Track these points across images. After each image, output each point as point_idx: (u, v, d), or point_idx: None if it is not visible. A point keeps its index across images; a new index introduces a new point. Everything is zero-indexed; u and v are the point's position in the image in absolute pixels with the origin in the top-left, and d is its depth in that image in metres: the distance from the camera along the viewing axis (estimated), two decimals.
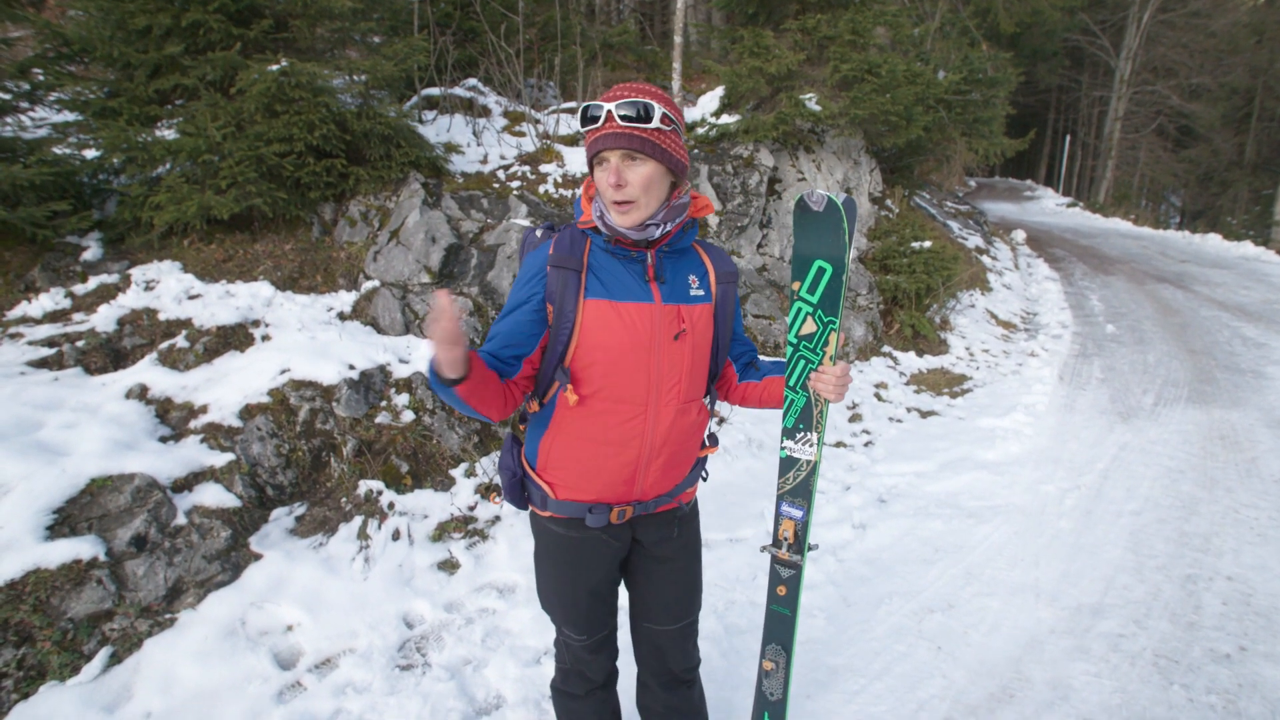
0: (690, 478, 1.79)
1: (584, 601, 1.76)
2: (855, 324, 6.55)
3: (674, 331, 1.58)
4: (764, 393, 1.81)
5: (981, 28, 12.97)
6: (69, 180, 4.27)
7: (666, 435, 1.62)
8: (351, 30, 5.37)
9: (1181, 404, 5.62)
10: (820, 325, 1.73)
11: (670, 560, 1.82)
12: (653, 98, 1.48)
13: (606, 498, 1.65)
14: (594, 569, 1.73)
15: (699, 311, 1.63)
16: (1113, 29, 24.81)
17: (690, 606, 1.90)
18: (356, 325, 4.34)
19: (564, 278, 1.53)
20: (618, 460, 1.61)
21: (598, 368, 1.55)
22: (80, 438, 3.09)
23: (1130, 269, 11.71)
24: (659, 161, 1.49)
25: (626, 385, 1.56)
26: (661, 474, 1.67)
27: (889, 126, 6.74)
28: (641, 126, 1.46)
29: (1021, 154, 31.99)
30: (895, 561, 3.45)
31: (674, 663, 1.93)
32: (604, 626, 1.84)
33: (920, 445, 4.94)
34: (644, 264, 1.58)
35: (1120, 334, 7.85)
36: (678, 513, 1.80)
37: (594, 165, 1.54)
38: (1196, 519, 3.83)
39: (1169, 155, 25.30)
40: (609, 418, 1.58)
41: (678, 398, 1.61)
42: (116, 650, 2.57)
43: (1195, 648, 2.81)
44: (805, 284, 1.73)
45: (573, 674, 1.90)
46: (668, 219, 1.56)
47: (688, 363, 1.62)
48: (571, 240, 1.58)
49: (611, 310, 1.53)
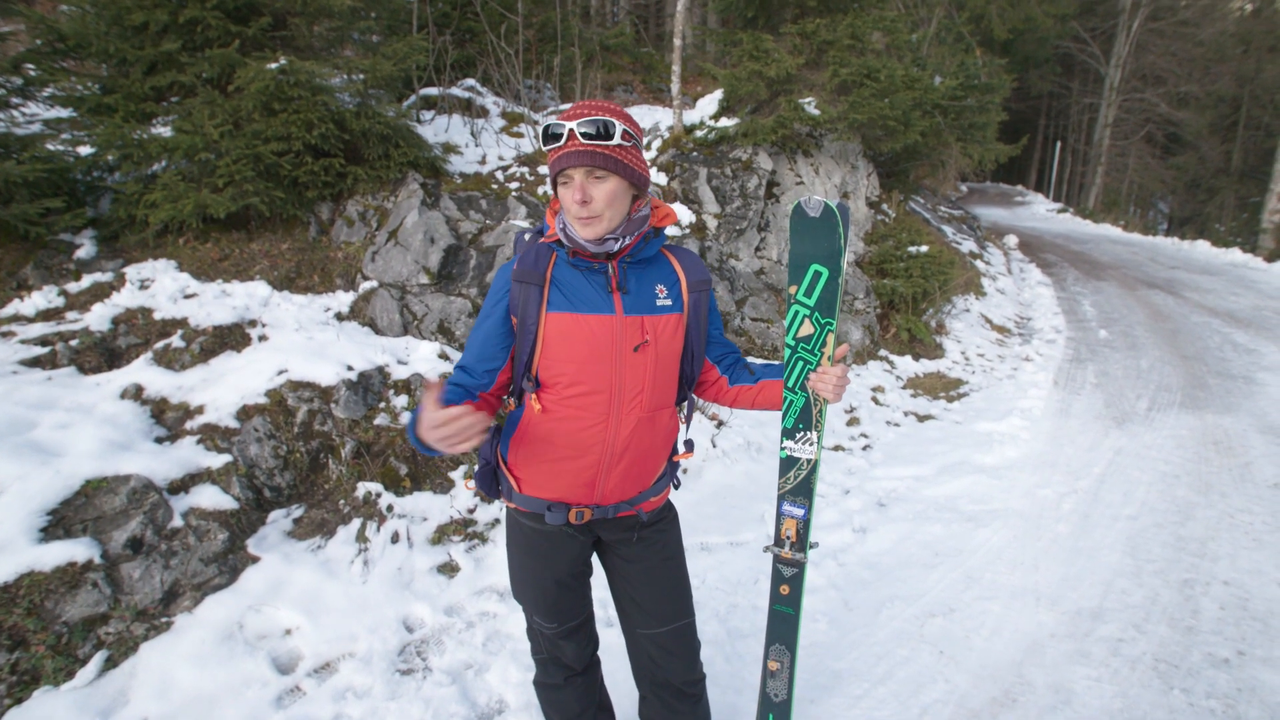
0: (656, 486, 1.81)
1: (551, 591, 1.80)
2: (852, 328, 6.57)
3: (635, 343, 1.61)
4: (759, 396, 1.84)
5: (975, 34, 13.06)
6: (62, 177, 4.23)
7: (627, 444, 1.66)
8: (350, 29, 5.35)
9: (1175, 409, 5.67)
10: (818, 327, 1.76)
11: (638, 560, 1.84)
12: (613, 115, 1.51)
13: (567, 498, 1.70)
14: (559, 560, 1.78)
15: (664, 322, 1.66)
16: (1103, 36, 25.04)
17: (674, 609, 1.88)
18: (354, 326, 4.31)
19: (526, 291, 1.58)
20: (578, 465, 1.65)
21: (562, 378, 1.60)
22: (75, 438, 3.05)
23: (1121, 275, 11.81)
24: (621, 177, 1.53)
25: (588, 395, 1.61)
26: (621, 481, 1.70)
27: (887, 131, 6.77)
28: (603, 144, 1.49)
29: (1013, 159, 32.21)
30: (896, 565, 3.45)
31: (671, 673, 1.91)
32: (574, 615, 1.86)
33: (918, 449, 4.95)
34: (607, 275, 1.62)
35: (1113, 339, 7.90)
36: (636, 520, 1.82)
37: (557, 182, 1.57)
38: (1192, 524, 3.85)
39: (1157, 162, 25.54)
40: (572, 424, 1.62)
41: (640, 407, 1.65)
42: (112, 654, 2.54)
43: (1194, 652, 2.82)
44: (802, 287, 1.76)
45: (550, 663, 1.93)
46: (627, 232, 1.60)
47: (650, 373, 1.64)
48: (536, 255, 1.62)
49: (573, 322, 1.58)
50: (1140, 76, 24.80)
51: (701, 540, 3.64)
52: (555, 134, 1.51)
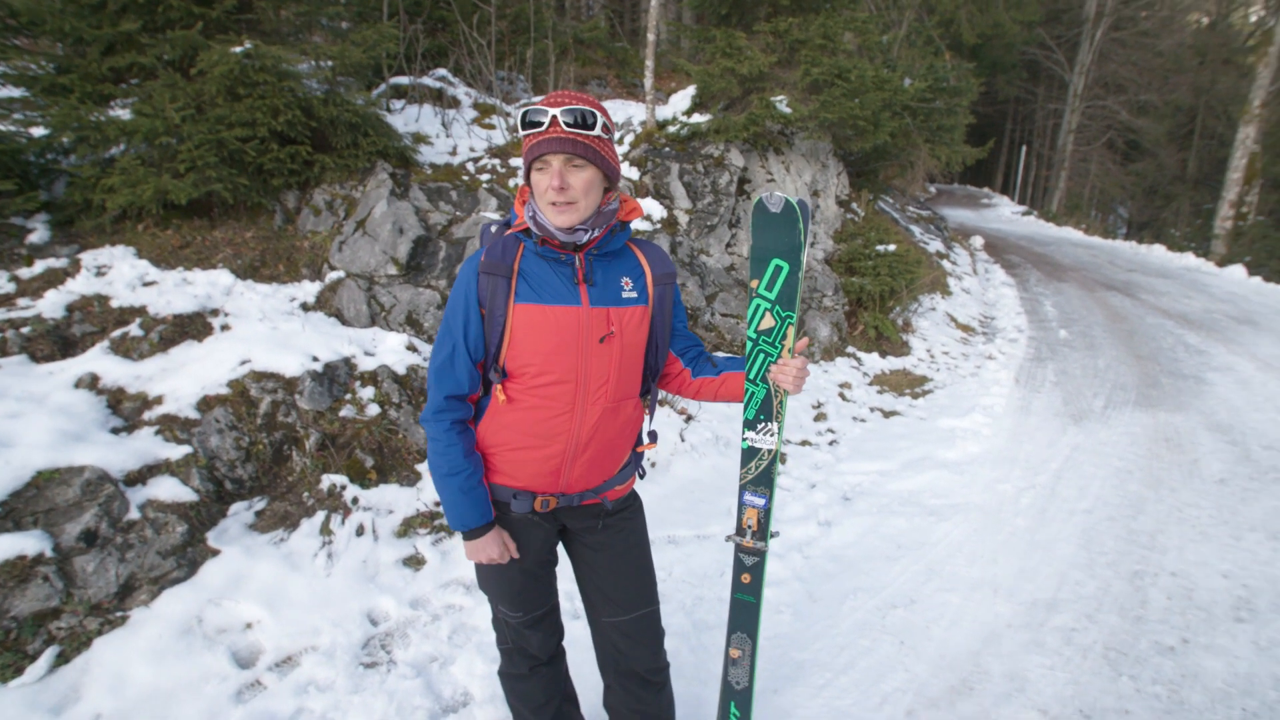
0: (621, 475, 1.84)
1: (517, 580, 1.81)
2: (821, 324, 6.65)
3: (601, 334, 1.63)
4: (721, 387, 1.88)
5: (945, 38, 13.28)
6: (14, 159, 4.07)
7: (593, 433, 1.68)
8: (318, 14, 5.24)
9: (1129, 407, 5.85)
10: (778, 320, 1.80)
11: (603, 549, 1.86)
12: (594, 106, 1.54)
13: (533, 487, 1.71)
14: (526, 549, 1.79)
15: (629, 314, 1.68)
16: (1068, 44, 25.64)
17: (639, 596, 1.91)
18: (320, 316, 4.24)
19: (494, 283, 1.60)
20: (543, 454, 1.67)
21: (529, 368, 1.62)
22: (25, 428, 2.95)
23: (1082, 276, 12.13)
24: (598, 168, 1.56)
25: (554, 385, 1.63)
26: (587, 469, 1.73)
27: (857, 131, 6.86)
28: (585, 133, 1.52)
29: (980, 162, 32.83)
30: (860, 558, 3.51)
31: (636, 661, 1.93)
32: (540, 605, 1.87)
33: (883, 444, 5.04)
34: (573, 267, 1.64)
35: (1072, 339, 8.13)
36: (601, 508, 1.84)
37: (532, 168, 1.58)
38: (1143, 517, 3.99)
39: (1118, 168, 26.25)
40: (537, 414, 1.64)
41: (605, 397, 1.67)
42: (64, 650, 2.47)
43: (1142, 640, 2.93)
44: (764, 281, 1.80)
45: (515, 652, 1.93)
46: (597, 224, 1.62)
47: (615, 364, 1.67)
48: (504, 247, 1.63)
49: (539, 313, 1.60)
50: (1102, 84, 25.45)
51: (669, 534, 3.66)
52: (535, 120, 1.52)
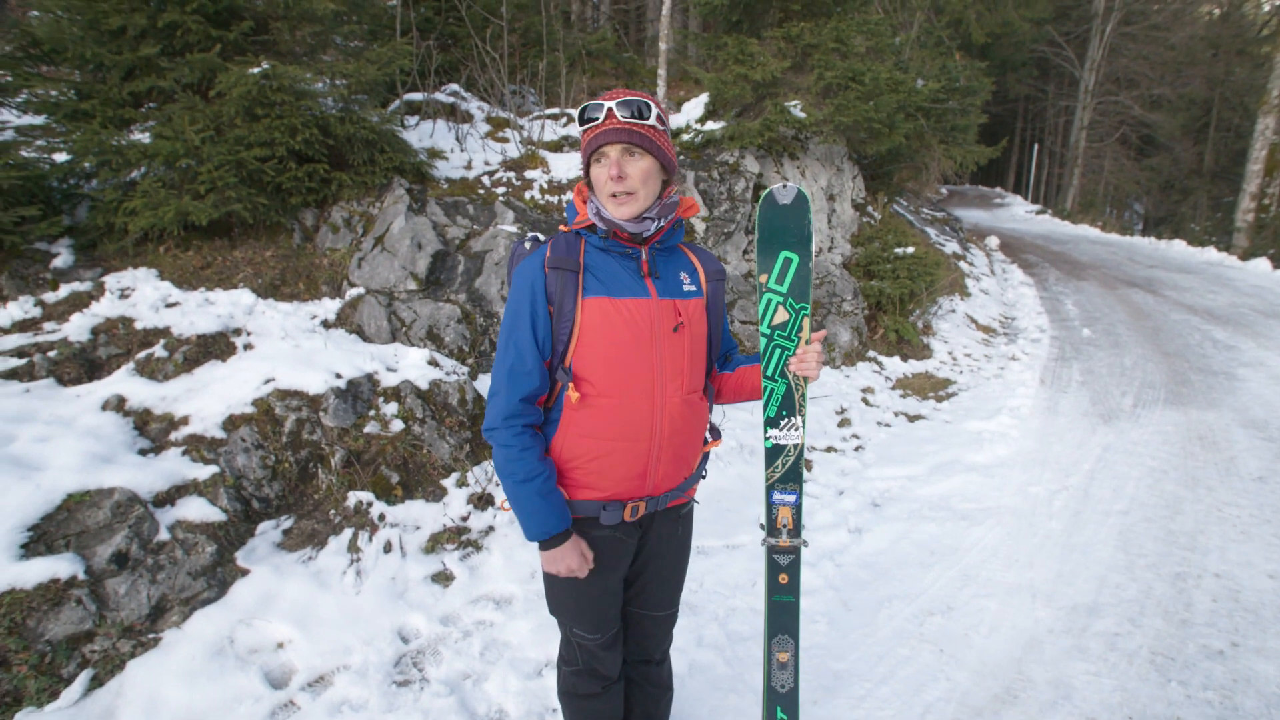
0: (697, 473, 1.82)
1: (600, 601, 1.77)
2: (841, 329, 6.59)
3: (673, 324, 1.63)
4: (740, 384, 1.85)
5: (954, 38, 13.22)
6: (38, 184, 4.13)
7: (674, 426, 1.65)
8: (333, 33, 5.29)
9: (1160, 405, 5.74)
10: (792, 312, 1.79)
11: (666, 555, 1.85)
12: (647, 98, 1.57)
13: (620, 494, 1.67)
14: (609, 569, 1.74)
15: (693, 305, 1.70)
16: (1077, 41, 25.48)
17: (673, 598, 1.96)
18: (341, 333, 4.25)
19: (562, 278, 1.58)
20: (630, 454, 1.63)
21: (601, 364, 1.59)
22: (55, 451, 2.97)
23: (1101, 274, 11.97)
24: (655, 157, 1.58)
25: (633, 379, 1.60)
26: (672, 466, 1.69)
27: (872, 134, 6.82)
28: (640, 123, 1.54)
29: (991, 162, 32.62)
30: (893, 565, 3.45)
31: (651, 651, 1.99)
32: (615, 624, 1.85)
33: (910, 449, 4.97)
34: (638, 260, 1.64)
35: (1096, 338, 8.00)
36: (684, 509, 1.83)
37: (591, 162, 1.60)
38: (1182, 518, 3.89)
39: (1132, 163, 25.99)
40: (618, 413, 1.60)
41: (682, 388, 1.65)
42: (98, 672, 2.46)
43: (1189, 644, 2.84)
44: (773, 275, 1.79)
45: (586, 674, 1.88)
46: (661, 215, 1.63)
47: (688, 354, 1.66)
48: (567, 243, 1.63)
49: (612, 306, 1.58)
50: (1114, 80, 25.25)
51: (698, 544, 3.61)
52: (592, 115, 1.55)
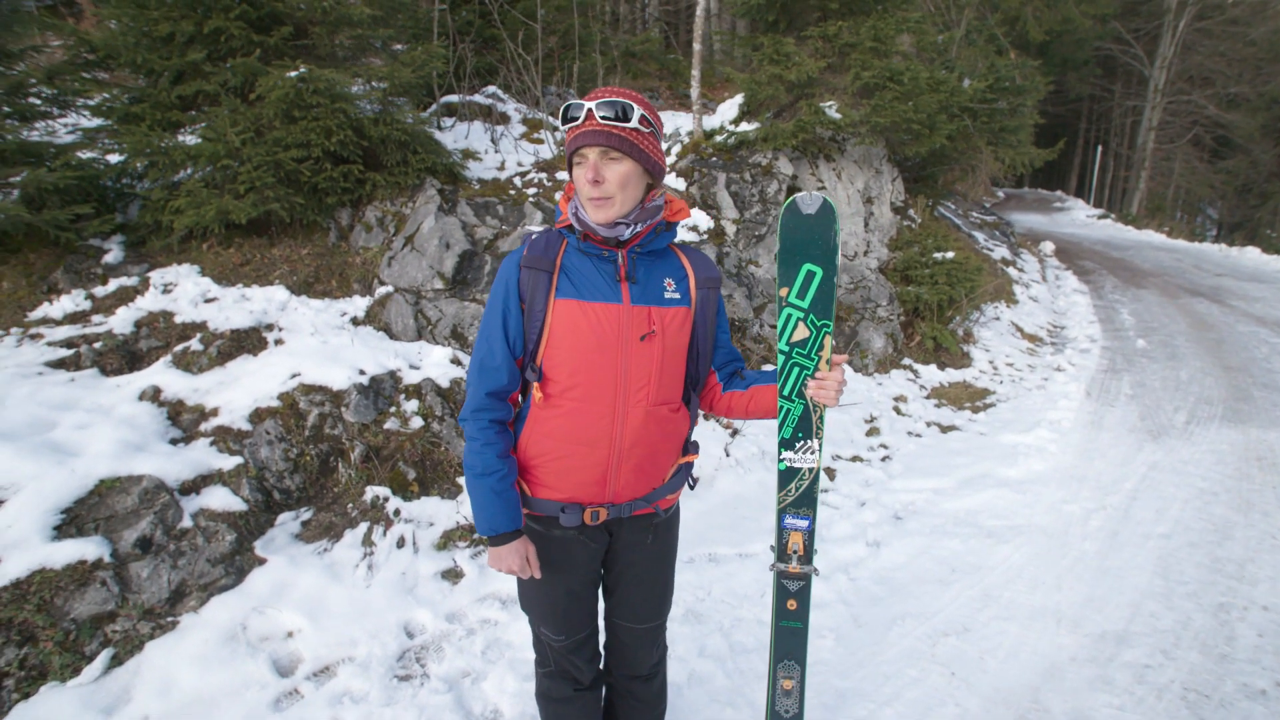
0: (670, 484, 1.77)
1: (562, 602, 1.76)
2: (875, 336, 6.43)
3: (641, 332, 1.59)
4: (751, 402, 1.79)
5: (1010, 35, 12.77)
6: (93, 184, 4.34)
7: (636, 437, 1.62)
8: (371, 37, 5.42)
9: (1216, 422, 5.42)
10: (813, 330, 1.70)
11: (638, 565, 1.81)
12: (632, 99, 1.51)
13: (580, 498, 1.65)
14: (571, 569, 1.73)
15: (671, 314, 1.64)
16: (1147, 37, 24.32)
17: (657, 609, 1.90)
18: (369, 330, 4.35)
19: (535, 278, 1.58)
20: (588, 460, 1.62)
21: (566, 366, 1.58)
22: (92, 438, 3.11)
23: (1163, 282, 11.39)
24: (636, 160, 1.53)
25: (594, 385, 1.58)
26: (634, 477, 1.66)
27: (911, 135, 6.63)
28: (620, 125, 1.49)
29: (1052, 165, 31.42)
30: (910, 581, 3.34)
31: (637, 664, 1.93)
32: (582, 628, 1.82)
33: (939, 461, 4.81)
34: (615, 264, 1.61)
35: (1151, 349, 7.61)
36: (654, 519, 1.78)
37: (573, 162, 1.57)
38: (1230, 544, 3.66)
39: (1205, 166, 24.68)
40: (578, 417, 1.60)
41: (646, 399, 1.62)
42: (118, 652, 2.57)
43: (1228, 682, 2.67)
44: (794, 289, 1.70)
45: (558, 675, 1.88)
46: (639, 220, 1.59)
47: (657, 364, 1.62)
48: (547, 242, 1.62)
49: (579, 310, 1.57)
50: (1187, 78, 24.03)
51: (710, 551, 3.57)
52: (573, 114, 1.51)
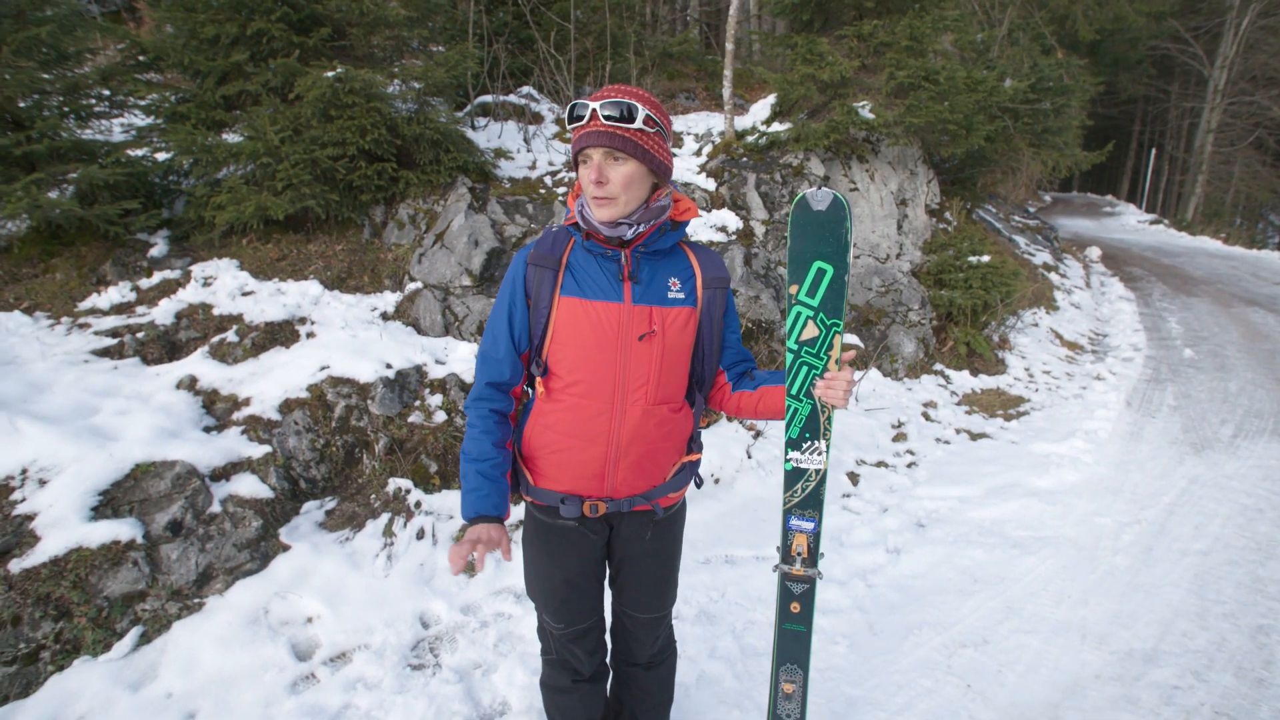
0: (672, 483, 1.78)
1: (561, 590, 1.79)
2: (905, 340, 6.32)
3: (641, 332, 1.60)
4: (760, 402, 1.77)
5: (1058, 34, 12.41)
6: (141, 180, 4.52)
7: (634, 435, 1.64)
8: (408, 38, 5.52)
9: (1265, 437, 5.19)
10: (823, 329, 1.69)
11: (639, 558, 1.83)
12: (637, 99, 1.51)
13: (579, 490, 1.68)
14: (570, 558, 1.76)
15: (674, 314, 1.64)
16: (1207, 36, 23.37)
17: (662, 601, 1.92)
18: (398, 325, 4.44)
19: (541, 274, 1.61)
20: (585, 454, 1.64)
21: (568, 362, 1.62)
22: (130, 424, 3.24)
23: (1216, 290, 10.94)
24: (640, 161, 1.53)
25: (593, 382, 1.61)
26: (631, 473, 1.68)
27: (948, 135, 6.49)
28: (624, 126, 1.50)
29: (1102, 168, 30.41)
30: (929, 590, 3.27)
31: (637, 652, 1.97)
32: (583, 619, 1.84)
33: (967, 469, 4.70)
34: (619, 263, 1.62)
35: (1199, 359, 7.32)
36: (652, 516, 1.79)
37: (578, 162, 1.59)
38: (1274, 564, 3.50)
39: (1268, 170, 23.63)
40: (578, 412, 1.63)
41: (644, 398, 1.63)
42: (147, 630, 2.67)
43: (1264, 708, 2.56)
44: (804, 287, 1.68)
45: (559, 664, 1.92)
46: (643, 220, 1.60)
47: (656, 364, 1.63)
48: (554, 240, 1.65)
49: (581, 308, 1.59)
50: (1249, 78, 23.02)
51: (727, 553, 3.55)
52: (578, 114, 1.53)
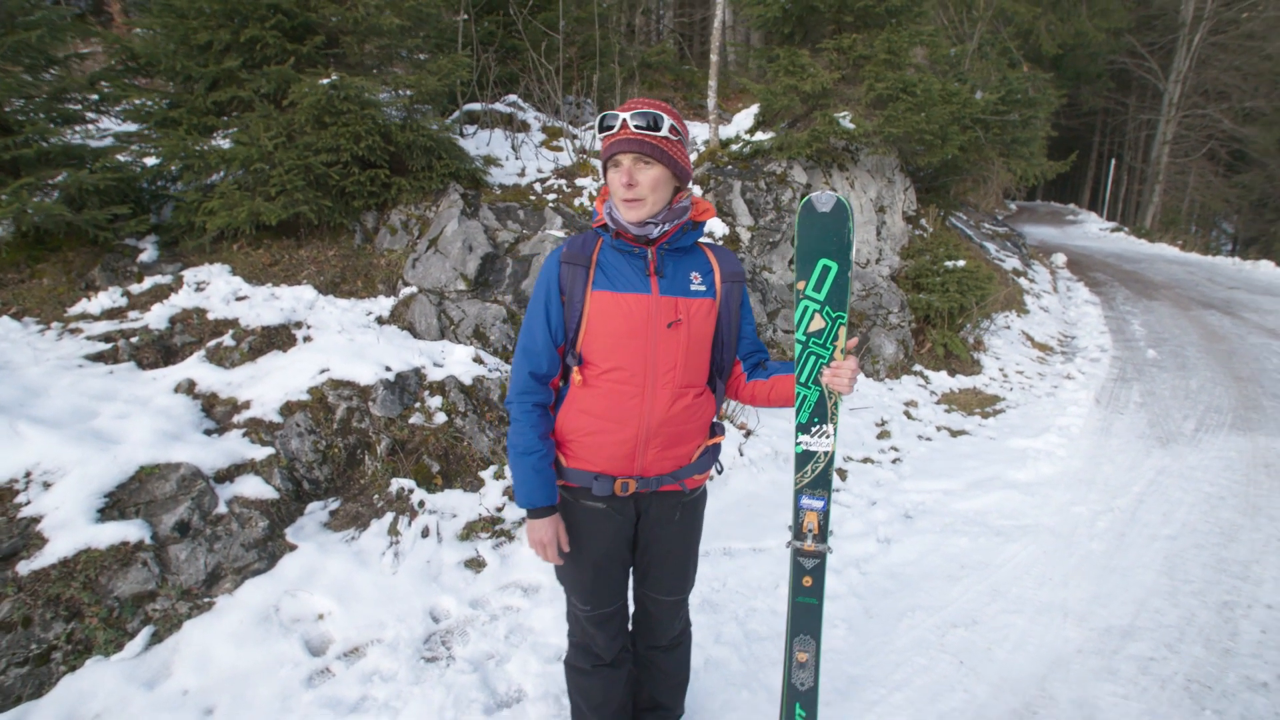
0: (698, 464, 1.89)
1: (589, 571, 1.89)
2: (886, 342, 6.51)
3: (669, 320, 1.73)
4: (772, 390, 1.90)
5: (1023, 49, 12.87)
6: (130, 185, 4.51)
7: (664, 417, 1.76)
8: (398, 46, 5.58)
9: (1225, 430, 5.46)
10: (829, 321, 1.81)
11: (666, 540, 1.94)
12: (662, 110, 1.66)
13: (610, 469, 1.79)
14: (598, 540, 1.86)
15: (697, 305, 1.78)
16: (1161, 51, 24.32)
17: (682, 585, 2.04)
18: (394, 329, 4.48)
19: (574, 272, 1.74)
20: (618, 436, 1.76)
21: (601, 351, 1.74)
22: (131, 427, 3.25)
23: (1175, 294, 11.40)
24: (665, 166, 1.67)
25: (626, 368, 1.74)
26: (661, 453, 1.80)
27: (924, 145, 6.74)
28: (652, 134, 1.64)
29: (1065, 177, 31.35)
30: (919, 576, 3.42)
31: (660, 635, 2.09)
32: (609, 602, 1.94)
33: (949, 464, 4.88)
34: (646, 260, 1.76)
35: (1162, 359, 7.65)
36: (681, 496, 1.91)
37: (608, 167, 1.72)
38: (1236, 546, 3.71)
39: (1220, 180, 24.58)
40: (611, 397, 1.75)
41: (673, 382, 1.76)
42: (158, 629, 2.69)
43: (1230, 674, 2.73)
44: (810, 282, 1.81)
45: (581, 648, 2.02)
46: (667, 219, 1.74)
47: (683, 350, 1.76)
48: (584, 240, 1.79)
49: (612, 300, 1.73)
50: (1202, 92, 23.99)
51: (725, 545, 3.66)
52: (609, 124, 1.67)
